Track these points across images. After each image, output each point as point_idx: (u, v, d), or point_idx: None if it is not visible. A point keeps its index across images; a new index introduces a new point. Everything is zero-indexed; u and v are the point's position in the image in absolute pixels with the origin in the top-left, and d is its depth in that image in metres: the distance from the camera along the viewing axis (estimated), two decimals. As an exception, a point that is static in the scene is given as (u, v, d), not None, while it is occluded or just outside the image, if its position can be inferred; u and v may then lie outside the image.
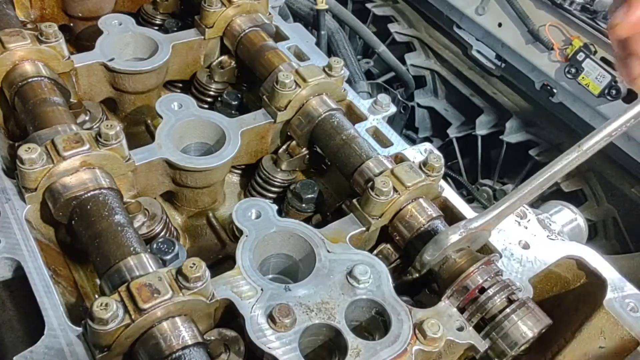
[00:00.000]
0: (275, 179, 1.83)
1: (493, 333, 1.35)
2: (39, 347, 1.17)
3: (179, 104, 1.74)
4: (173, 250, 1.47)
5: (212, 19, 2.01)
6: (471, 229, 1.38)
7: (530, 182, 1.32)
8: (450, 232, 1.38)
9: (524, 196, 1.33)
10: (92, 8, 2.26)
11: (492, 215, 1.38)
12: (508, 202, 1.36)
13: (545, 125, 3.23)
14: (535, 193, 1.33)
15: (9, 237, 1.35)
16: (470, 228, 1.38)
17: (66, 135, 1.45)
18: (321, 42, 3.05)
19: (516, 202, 1.35)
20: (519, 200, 1.35)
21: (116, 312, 1.13)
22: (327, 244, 1.43)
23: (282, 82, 1.73)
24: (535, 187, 1.31)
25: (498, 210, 1.37)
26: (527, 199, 1.35)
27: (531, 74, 3.02)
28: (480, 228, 1.39)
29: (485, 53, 3.31)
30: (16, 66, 1.66)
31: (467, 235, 1.38)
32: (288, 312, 1.26)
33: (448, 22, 3.43)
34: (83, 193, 1.41)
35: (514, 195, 1.35)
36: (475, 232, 1.39)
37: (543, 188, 1.31)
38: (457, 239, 1.37)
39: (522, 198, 1.34)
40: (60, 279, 1.39)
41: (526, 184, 1.32)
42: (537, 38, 2.86)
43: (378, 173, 1.57)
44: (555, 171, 1.28)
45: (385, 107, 1.90)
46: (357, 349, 1.25)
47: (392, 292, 1.36)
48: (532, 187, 1.31)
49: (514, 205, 1.36)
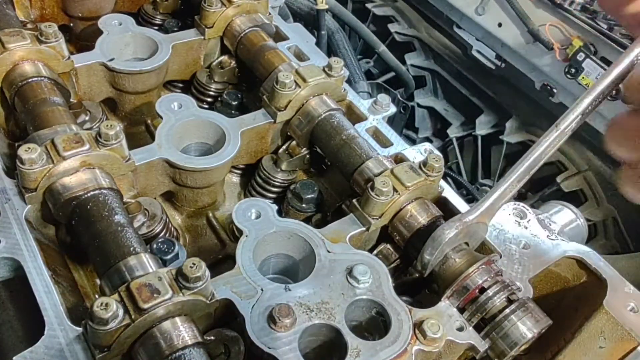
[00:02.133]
0: (275, 179, 1.83)
1: (493, 333, 1.35)
2: (39, 347, 1.17)
3: (179, 104, 1.74)
4: (173, 250, 1.47)
5: (212, 19, 2.01)
6: (466, 222, 1.37)
7: (516, 168, 1.31)
8: (446, 228, 1.38)
9: (513, 183, 1.32)
10: (92, 8, 2.26)
11: (486, 206, 1.37)
12: (498, 190, 1.35)
13: (545, 125, 3.21)
14: (523, 179, 1.31)
15: (9, 237, 1.35)
16: (465, 221, 1.37)
17: (66, 136, 1.45)
18: (321, 42, 3.05)
19: (506, 190, 1.34)
20: (509, 187, 1.34)
21: (116, 312, 1.13)
22: (327, 244, 1.43)
23: (282, 82, 1.73)
24: (522, 173, 1.30)
25: (490, 200, 1.37)
26: (516, 185, 1.33)
27: (531, 74, 3.02)
28: (476, 220, 1.39)
29: (485, 53, 3.31)
30: (16, 66, 1.66)
31: (463, 229, 1.38)
32: (288, 312, 1.26)
33: (448, 22, 3.43)
34: (83, 193, 1.41)
35: (503, 184, 1.34)
36: (471, 226, 1.39)
37: (530, 173, 1.30)
38: (454, 234, 1.37)
39: (511, 185, 1.33)
40: (60, 279, 1.39)
41: (512, 171, 1.31)
42: (537, 38, 2.86)
43: (378, 173, 1.57)
44: (538, 154, 1.27)
45: (385, 107, 1.90)
46: (357, 349, 1.25)
47: (392, 292, 1.36)
48: (518, 173, 1.30)
49: (504, 193, 1.35)
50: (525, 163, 1.30)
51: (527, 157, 1.29)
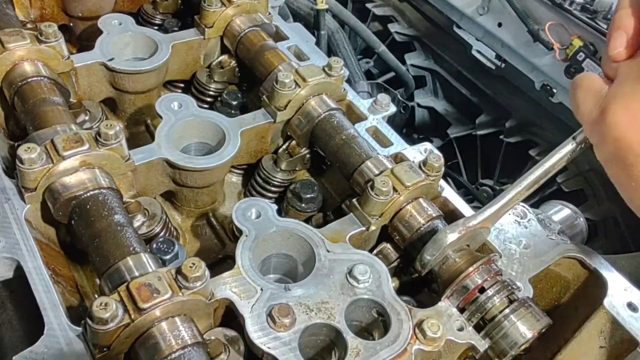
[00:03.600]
0: (275, 179, 1.83)
1: (493, 333, 1.35)
2: (39, 346, 1.17)
3: (179, 104, 1.73)
4: (173, 250, 1.47)
5: (212, 19, 2.01)
6: (470, 227, 1.37)
7: (526, 177, 1.31)
8: (449, 231, 1.38)
9: (521, 192, 1.32)
10: (92, 8, 2.26)
11: (491, 212, 1.37)
12: (505, 198, 1.35)
13: (545, 125, 3.22)
14: (532, 188, 1.31)
15: (8, 236, 1.35)
16: (469, 226, 1.38)
17: (66, 135, 1.45)
18: (321, 42, 3.05)
19: (513, 198, 1.34)
20: (517, 196, 1.34)
21: (116, 312, 1.13)
22: (326, 243, 1.43)
23: (281, 82, 1.73)
24: (532, 182, 1.30)
25: (496, 207, 1.37)
26: (524, 194, 1.33)
27: (531, 74, 3.02)
28: (479, 226, 1.39)
29: (485, 53, 3.30)
30: (16, 66, 1.66)
31: (466, 234, 1.38)
32: (288, 312, 1.26)
33: (448, 22, 3.43)
34: (82, 193, 1.41)
35: (510, 192, 1.34)
36: (474, 230, 1.39)
37: (540, 183, 1.30)
38: (456, 238, 1.37)
39: (519, 194, 1.33)
40: (60, 279, 1.39)
41: (522, 179, 1.31)
42: (537, 38, 2.86)
43: (378, 173, 1.57)
44: (550, 165, 1.27)
45: (385, 107, 1.90)
46: (357, 349, 1.25)
47: (392, 292, 1.36)
48: (528, 182, 1.30)
49: (511, 201, 1.35)
50: (536, 173, 1.29)
51: (539, 168, 1.29)
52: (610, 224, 3.02)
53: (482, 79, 3.46)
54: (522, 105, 3.31)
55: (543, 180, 1.30)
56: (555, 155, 1.27)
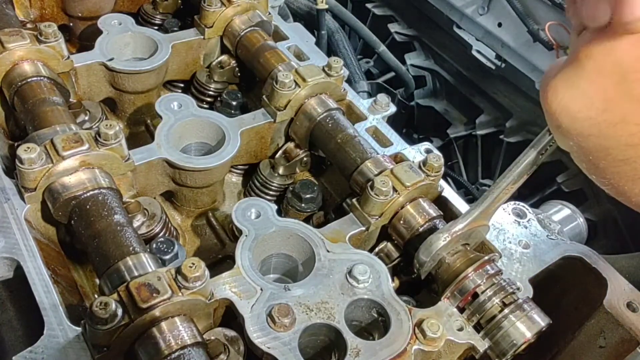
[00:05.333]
0: (273, 184, 1.83)
1: (493, 333, 1.35)
2: (39, 346, 1.17)
3: (179, 104, 1.73)
4: (172, 250, 1.47)
5: (212, 19, 2.01)
6: (455, 232, 1.35)
7: (510, 172, 1.25)
8: (435, 240, 1.36)
9: (507, 187, 1.27)
10: (92, 8, 2.26)
11: (476, 214, 1.35)
12: (490, 197, 1.31)
13: (545, 125, 3.22)
14: (518, 182, 1.26)
15: (8, 236, 1.35)
16: (455, 230, 1.36)
17: (65, 135, 1.45)
18: (321, 42, 3.05)
19: (500, 194, 1.29)
20: (502, 193, 1.28)
21: (115, 312, 1.13)
22: (326, 243, 1.43)
23: (281, 82, 1.73)
24: (516, 176, 1.24)
25: (481, 209, 1.33)
26: (510, 189, 1.28)
27: (531, 74, 3.02)
28: (467, 228, 1.37)
29: (485, 53, 3.30)
30: (15, 66, 1.66)
31: (454, 238, 1.36)
32: (287, 312, 1.26)
33: (448, 22, 3.43)
34: (82, 193, 1.41)
35: (495, 189, 1.29)
36: (466, 231, 1.37)
37: (524, 177, 1.24)
38: (443, 245, 1.36)
39: (505, 190, 1.28)
40: (60, 279, 1.39)
41: (506, 175, 1.26)
42: (537, 38, 2.86)
43: (377, 173, 1.57)
44: (532, 157, 1.21)
45: (385, 106, 1.90)
46: (357, 349, 1.25)
47: (391, 292, 1.36)
48: (513, 176, 1.24)
49: (498, 198, 1.31)
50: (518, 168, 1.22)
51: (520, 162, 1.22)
52: (610, 224, 3.02)
53: (482, 79, 3.46)
54: (522, 105, 3.31)
55: (528, 174, 1.25)
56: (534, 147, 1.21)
